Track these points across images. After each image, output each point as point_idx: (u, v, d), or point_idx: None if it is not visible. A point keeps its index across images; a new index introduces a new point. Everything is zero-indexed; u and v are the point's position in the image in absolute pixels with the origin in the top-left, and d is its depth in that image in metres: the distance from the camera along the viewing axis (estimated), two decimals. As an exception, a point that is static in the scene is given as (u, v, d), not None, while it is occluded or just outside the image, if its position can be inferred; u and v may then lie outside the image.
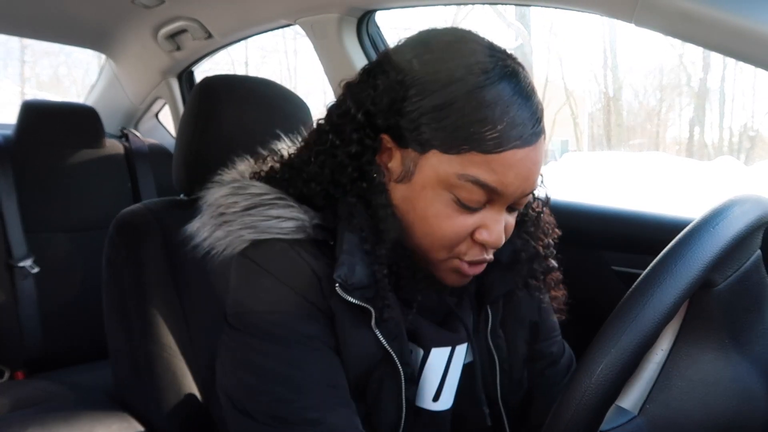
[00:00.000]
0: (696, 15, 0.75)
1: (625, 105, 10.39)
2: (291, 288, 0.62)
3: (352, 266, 0.61)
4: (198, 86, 1.00)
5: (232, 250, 0.65)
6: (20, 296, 1.55)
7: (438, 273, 0.65)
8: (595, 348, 0.50)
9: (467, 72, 0.57)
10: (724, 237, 0.53)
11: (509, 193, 0.59)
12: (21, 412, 1.09)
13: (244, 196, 0.66)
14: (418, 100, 0.59)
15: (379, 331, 0.62)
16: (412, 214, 0.62)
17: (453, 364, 0.68)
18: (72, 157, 1.72)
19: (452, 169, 0.58)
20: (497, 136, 0.56)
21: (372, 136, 0.62)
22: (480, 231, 0.61)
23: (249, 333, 0.62)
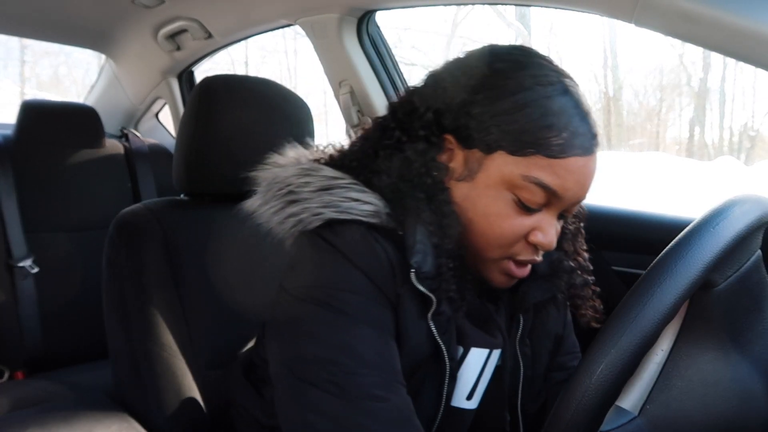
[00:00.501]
0: (696, 15, 0.75)
1: (625, 105, 10.39)
2: (364, 272, 0.62)
3: (426, 255, 0.62)
4: (198, 86, 1.00)
5: (303, 227, 0.65)
6: (20, 296, 1.55)
7: (487, 273, 0.68)
8: (595, 348, 0.50)
9: (535, 82, 0.62)
10: (724, 237, 0.53)
11: (567, 197, 0.63)
12: (21, 412, 1.08)
13: (318, 177, 0.66)
14: (489, 104, 0.62)
15: (433, 323, 0.64)
16: (472, 212, 0.65)
17: (488, 366, 0.70)
18: (72, 157, 1.72)
19: (518, 170, 0.62)
20: (562, 143, 0.61)
21: (437, 135, 0.66)
22: (535, 233, 0.65)
23: (319, 306, 0.62)
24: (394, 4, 1.36)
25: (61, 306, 1.61)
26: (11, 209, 1.57)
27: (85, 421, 0.98)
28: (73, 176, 1.70)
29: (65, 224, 1.68)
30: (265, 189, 0.68)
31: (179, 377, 0.94)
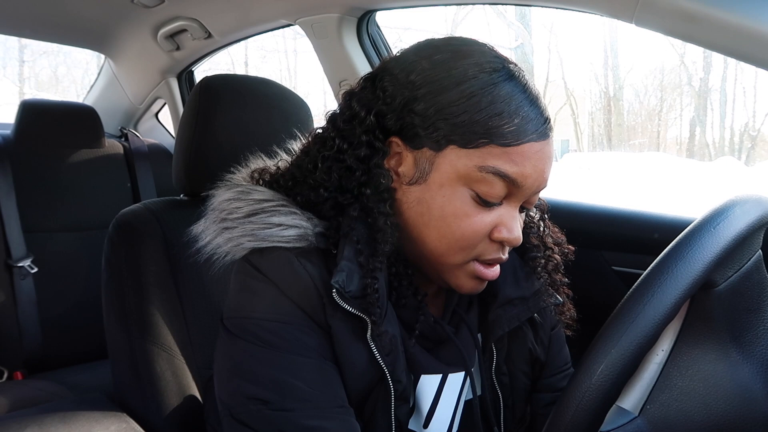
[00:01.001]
0: (696, 15, 0.75)
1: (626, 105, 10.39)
2: (291, 299, 0.61)
3: (351, 274, 0.60)
4: (198, 86, 1.00)
5: (232, 256, 0.64)
6: (19, 296, 1.55)
7: (454, 281, 0.64)
8: (595, 348, 0.50)
9: (479, 70, 0.59)
10: (724, 237, 0.53)
11: (527, 186, 0.60)
12: (20, 412, 1.08)
13: (247, 201, 0.64)
14: (432, 98, 0.59)
15: (374, 345, 0.61)
16: (428, 216, 0.61)
17: (445, 392, 0.66)
18: (71, 156, 1.72)
19: (472, 162, 0.59)
20: (515, 129, 0.58)
21: (381, 139, 0.62)
22: (499, 229, 0.61)
23: (247, 339, 0.61)
24: (394, 4, 1.36)
25: (60, 306, 1.61)
26: (10, 209, 1.57)
27: (84, 421, 0.98)
28: (72, 176, 1.70)
29: (64, 224, 1.67)
30: (209, 213, 0.67)
31: (178, 377, 0.94)
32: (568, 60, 11.06)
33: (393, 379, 0.62)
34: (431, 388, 0.66)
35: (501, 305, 0.69)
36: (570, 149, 11.02)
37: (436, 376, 0.66)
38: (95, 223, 1.69)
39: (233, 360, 0.62)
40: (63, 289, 1.63)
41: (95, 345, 1.40)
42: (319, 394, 0.59)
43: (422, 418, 0.66)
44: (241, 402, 0.60)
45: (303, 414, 0.58)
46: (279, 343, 0.60)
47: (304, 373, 0.59)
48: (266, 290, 0.61)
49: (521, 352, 0.74)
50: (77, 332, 1.61)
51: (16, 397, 1.35)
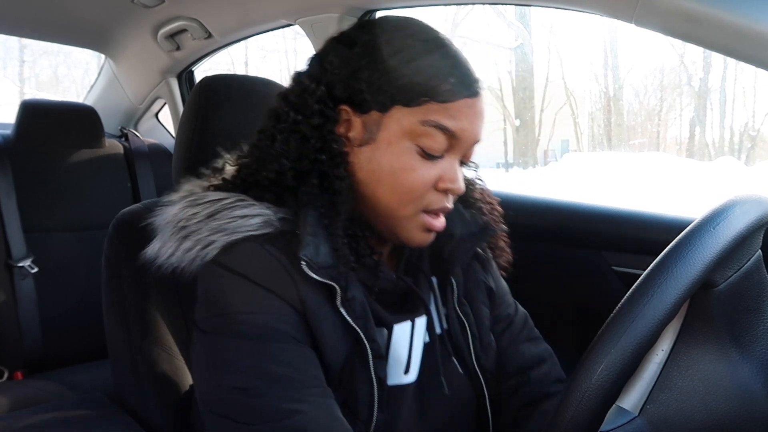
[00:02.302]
0: (696, 15, 0.75)
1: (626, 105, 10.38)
2: (263, 287, 0.64)
3: (317, 246, 0.64)
4: (198, 86, 1.00)
5: (201, 259, 0.66)
6: (19, 296, 1.55)
7: (406, 234, 0.70)
8: (595, 348, 0.50)
9: (416, 39, 0.68)
10: (724, 237, 0.53)
11: (464, 138, 0.67)
12: (20, 412, 1.08)
13: (204, 205, 0.68)
14: (376, 65, 0.66)
15: (345, 311, 0.65)
16: (379, 173, 0.68)
17: (416, 336, 0.73)
18: (71, 156, 1.72)
19: (415, 119, 0.66)
20: (450, 88, 0.65)
21: (332, 108, 0.68)
22: (443, 179, 0.68)
23: (221, 334, 0.64)
24: (394, 4, 1.36)
25: (61, 306, 1.61)
26: (10, 209, 1.57)
27: (84, 422, 0.98)
28: (72, 176, 1.70)
29: (65, 224, 1.68)
30: (161, 231, 0.69)
31: (179, 377, 0.94)
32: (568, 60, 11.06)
33: (368, 339, 0.67)
34: (404, 337, 0.72)
35: (454, 243, 0.76)
36: (570, 149, 11.02)
37: (405, 324, 0.72)
38: (95, 223, 1.69)
39: (209, 356, 0.65)
40: (63, 289, 1.63)
41: (95, 345, 1.40)
42: (296, 376, 0.62)
43: (402, 366, 0.71)
44: (220, 395, 0.63)
45: (279, 397, 0.61)
46: (254, 332, 0.63)
47: (279, 358, 0.62)
48: (237, 284, 0.64)
49: (476, 285, 0.82)
50: (77, 332, 1.61)
51: (16, 397, 1.36)
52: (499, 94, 10.96)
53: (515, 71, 11.04)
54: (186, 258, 0.66)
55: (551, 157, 10.61)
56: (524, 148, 11.08)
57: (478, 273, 0.83)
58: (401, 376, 0.71)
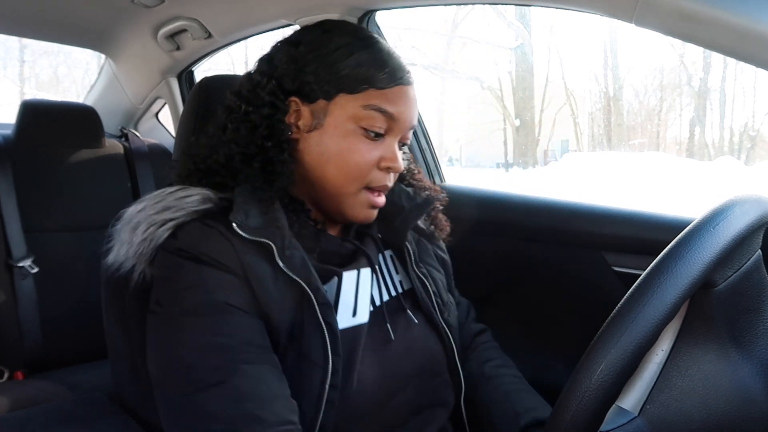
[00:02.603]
0: (696, 15, 0.75)
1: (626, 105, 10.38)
2: (207, 263, 0.70)
3: (247, 211, 0.72)
4: (197, 86, 1.00)
5: (155, 242, 0.72)
6: (19, 296, 1.55)
7: (351, 211, 0.78)
8: (595, 348, 0.50)
9: (354, 37, 0.78)
10: (724, 237, 0.53)
11: (401, 120, 0.77)
12: (21, 412, 1.09)
13: (148, 200, 0.75)
14: (321, 60, 0.76)
15: (284, 265, 0.71)
16: (327, 154, 0.76)
17: (361, 282, 0.80)
18: (72, 156, 1.72)
19: (358, 104, 0.75)
20: (387, 76, 0.76)
21: (282, 99, 0.76)
22: (384, 159, 0.77)
23: (167, 313, 0.70)
24: (394, 4, 1.36)
25: (61, 306, 1.61)
26: (11, 209, 1.57)
27: (84, 421, 0.98)
28: (72, 176, 1.70)
29: (65, 224, 1.67)
30: (118, 234, 0.75)
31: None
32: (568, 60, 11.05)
33: (311, 289, 0.72)
34: (351, 284, 0.79)
35: (404, 214, 0.87)
36: (570, 149, 11.03)
37: (352, 272, 0.80)
38: (95, 223, 1.69)
39: (156, 334, 0.71)
40: (63, 289, 1.63)
41: (95, 345, 1.40)
42: (228, 345, 0.67)
43: (350, 310, 0.78)
44: (164, 372, 0.69)
45: (212, 367, 0.66)
46: (187, 306, 0.69)
47: (219, 330, 0.68)
48: (181, 262, 0.71)
49: (427, 254, 0.93)
50: (78, 332, 1.61)
51: (16, 397, 1.36)
52: (499, 94, 10.96)
53: (515, 71, 11.04)
54: (141, 247, 0.72)
55: (551, 157, 10.62)
56: (524, 148, 11.08)
57: (428, 245, 0.94)
58: (350, 319, 0.77)
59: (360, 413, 0.75)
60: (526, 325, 1.34)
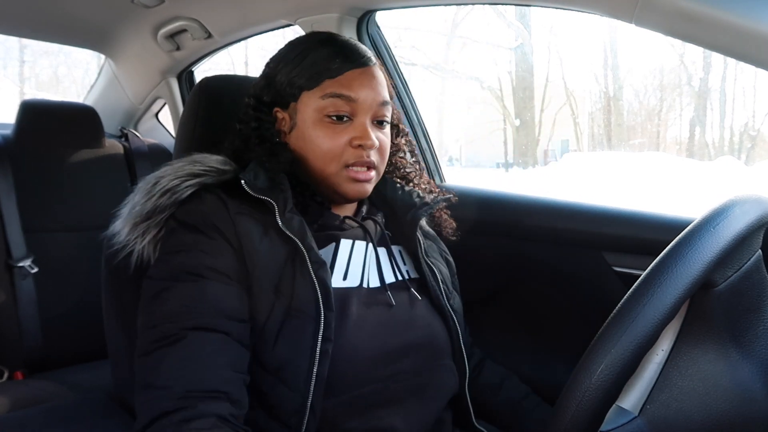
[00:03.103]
0: (696, 15, 0.75)
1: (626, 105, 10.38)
2: (203, 232, 0.76)
3: (257, 174, 0.81)
4: (197, 86, 1.00)
5: (178, 196, 0.80)
6: (19, 296, 1.55)
7: (340, 189, 0.85)
8: (595, 348, 0.50)
9: (309, 39, 0.89)
10: (724, 237, 0.53)
11: (363, 99, 0.84)
12: (21, 412, 1.09)
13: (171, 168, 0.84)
14: (282, 68, 0.87)
15: (283, 225, 0.78)
16: (305, 147, 0.85)
17: (354, 253, 0.86)
18: (71, 156, 1.72)
19: (317, 96, 0.84)
20: (338, 66, 0.84)
21: (266, 111, 0.87)
22: (355, 138, 0.83)
23: (154, 279, 0.76)
24: (394, 4, 1.36)
25: (61, 306, 1.61)
26: (10, 209, 1.57)
27: (84, 421, 0.98)
28: (72, 176, 1.70)
29: (65, 224, 1.67)
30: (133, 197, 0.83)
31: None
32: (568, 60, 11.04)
33: (305, 246, 0.77)
34: (345, 253, 0.85)
35: (415, 208, 0.93)
36: (570, 149, 11.02)
37: (347, 241, 0.86)
38: (95, 223, 1.68)
39: (143, 303, 0.77)
40: (63, 289, 1.63)
41: (95, 345, 1.40)
42: (197, 308, 0.73)
43: (341, 273, 0.84)
44: (141, 334, 0.75)
45: (166, 329, 0.72)
46: (173, 269, 0.75)
47: (183, 292, 0.73)
48: (177, 229, 0.78)
49: (434, 251, 0.99)
50: (77, 332, 1.61)
51: (16, 397, 1.36)
52: (499, 94, 10.96)
53: (515, 71, 11.03)
54: (161, 201, 0.79)
55: (551, 157, 10.60)
56: (524, 148, 11.08)
57: (434, 243, 1.00)
58: (340, 281, 0.83)
59: (355, 369, 0.78)
60: (526, 325, 1.34)
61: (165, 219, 0.80)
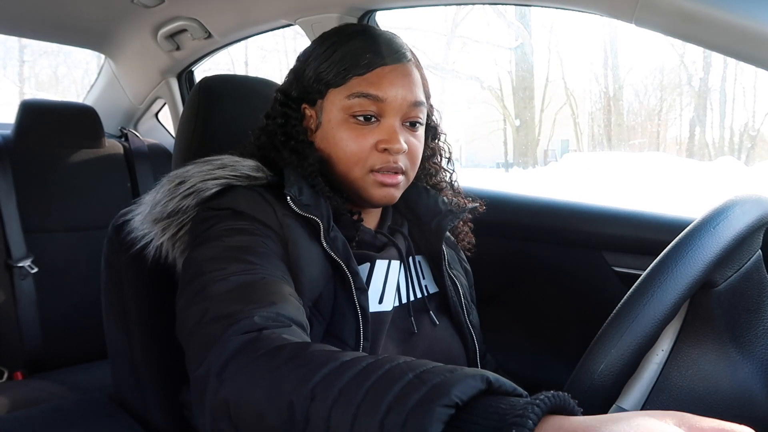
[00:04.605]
0: (696, 15, 0.75)
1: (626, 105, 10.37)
2: (248, 213, 0.71)
3: (300, 188, 0.75)
4: (197, 86, 1.00)
5: (201, 196, 0.75)
6: (19, 296, 1.55)
7: (366, 194, 0.79)
8: (595, 348, 0.50)
9: (338, 32, 0.82)
10: (724, 237, 0.53)
11: (390, 99, 0.77)
12: (20, 412, 1.08)
13: (197, 163, 0.78)
14: (310, 63, 0.81)
15: (328, 245, 0.74)
16: (330, 147, 0.80)
17: (390, 273, 0.82)
18: (71, 156, 1.72)
19: (343, 95, 0.78)
20: (367, 61, 0.77)
21: (293, 108, 0.82)
22: (381, 141, 0.77)
23: (195, 243, 0.70)
24: (394, 4, 1.36)
25: (61, 306, 1.61)
26: (10, 209, 1.57)
27: (84, 422, 0.98)
28: (72, 176, 1.70)
29: (64, 224, 1.67)
30: (156, 190, 0.78)
31: (178, 377, 0.93)
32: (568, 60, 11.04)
33: (350, 271, 0.74)
34: (381, 272, 0.81)
35: (440, 216, 0.88)
36: (570, 149, 11.01)
37: (383, 262, 0.82)
38: (95, 223, 1.69)
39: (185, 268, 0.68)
40: (63, 289, 1.63)
41: (95, 345, 1.40)
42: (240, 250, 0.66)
43: (377, 296, 0.80)
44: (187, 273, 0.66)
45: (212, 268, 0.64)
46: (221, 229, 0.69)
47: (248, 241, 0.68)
48: (222, 216, 0.72)
49: (455, 262, 0.95)
50: (77, 332, 1.61)
51: (16, 397, 1.36)
52: (499, 94, 10.95)
53: (515, 71, 11.03)
54: (184, 203, 0.75)
55: (551, 157, 10.60)
56: (524, 148, 11.07)
57: (454, 253, 0.96)
58: (376, 305, 0.79)
59: None
60: (526, 325, 1.34)
61: (188, 218, 0.76)
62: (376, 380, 0.43)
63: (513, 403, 0.37)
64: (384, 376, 0.43)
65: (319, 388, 0.44)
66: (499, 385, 0.39)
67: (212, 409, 0.51)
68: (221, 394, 0.50)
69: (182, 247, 0.77)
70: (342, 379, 0.44)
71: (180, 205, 0.75)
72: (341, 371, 0.45)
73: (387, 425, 0.39)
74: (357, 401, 0.41)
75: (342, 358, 0.47)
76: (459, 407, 0.38)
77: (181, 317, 0.64)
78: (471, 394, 0.38)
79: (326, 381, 0.45)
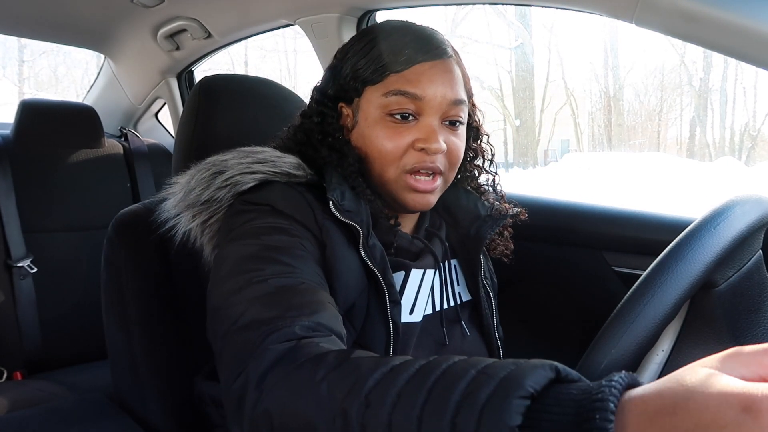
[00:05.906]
0: (696, 15, 0.75)
1: (626, 105, 10.37)
2: (285, 213, 0.69)
3: (343, 192, 0.73)
4: (197, 86, 1.00)
5: (238, 189, 0.72)
6: (19, 296, 1.55)
7: (399, 197, 0.77)
8: (595, 348, 0.50)
9: (379, 31, 0.79)
10: (725, 237, 0.53)
11: (429, 97, 0.74)
12: (20, 412, 1.08)
13: (236, 153, 0.76)
14: (347, 60, 0.79)
15: (365, 254, 0.72)
16: (366, 146, 0.77)
17: (424, 283, 0.80)
18: (71, 156, 1.72)
19: (380, 92, 0.75)
20: (405, 57, 0.75)
21: (330, 106, 0.80)
22: (418, 140, 0.75)
23: (229, 239, 0.67)
24: (394, 4, 1.36)
25: (60, 306, 1.61)
26: (10, 209, 1.57)
27: (84, 422, 0.98)
28: (72, 176, 1.70)
29: (64, 224, 1.67)
30: (192, 177, 0.75)
31: (178, 377, 0.94)
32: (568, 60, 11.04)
33: (386, 284, 0.72)
34: (415, 282, 0.79)
35: (480, 221, 0.85)
36: (570, 149, 11.01)
37: (419, 270, 0.80)
38: (95, 223, 1.69)
39: (217, 263, 0.66)
40: (63, 289, 1.63)
41: (95, 345, 1.40)
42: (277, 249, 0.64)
43: (409, 306, 0.78)
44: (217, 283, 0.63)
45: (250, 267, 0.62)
46: (257, 227, 0.67)
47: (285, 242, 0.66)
48: (260, 211, 0.70)
49: (488, 270, 0.92)
50: (77, 332, 1.61)
51: (16, 397, 1.35)
52: (499, 94, 10.95)
53: (515, 71, 11.03)
54: (221, 193, 0.73)
55: (551, 157, 10.60)
56: (524, 148, 11.07)
57: (486, 260, 0.92)
58: (407, 315, 0.77)
59: None
60: (526, 324, 1.34)
61: (222, 208, 0.74)
62: (437, 380, 0.41)
63: (585, 388, 0.36)
64: (444, 375, 0.41)
65: (374, 394, 0.43)
66: (567, 374, 0.39)
67: (253, 421, 0.49)
68: (263, 405, 0.49)
69: (210, 233, 0.75)
70: (397, 382, 0.43)
71: (215, 195, 0.73)
72: (394, 375, 0.43)
73: (459, 423, 0.38)
74: (420, 403, 0.40)
75: (391, 363, 0.45)
76: (533, 398, 0.37)
77: (215, 317, 0.61)
78: (543, 384, 0.38)
79: (381, 386, 0.43)
